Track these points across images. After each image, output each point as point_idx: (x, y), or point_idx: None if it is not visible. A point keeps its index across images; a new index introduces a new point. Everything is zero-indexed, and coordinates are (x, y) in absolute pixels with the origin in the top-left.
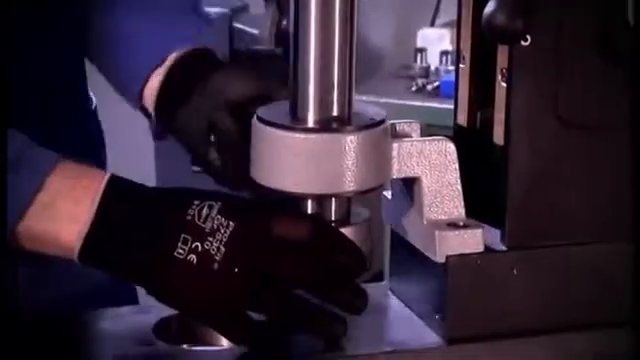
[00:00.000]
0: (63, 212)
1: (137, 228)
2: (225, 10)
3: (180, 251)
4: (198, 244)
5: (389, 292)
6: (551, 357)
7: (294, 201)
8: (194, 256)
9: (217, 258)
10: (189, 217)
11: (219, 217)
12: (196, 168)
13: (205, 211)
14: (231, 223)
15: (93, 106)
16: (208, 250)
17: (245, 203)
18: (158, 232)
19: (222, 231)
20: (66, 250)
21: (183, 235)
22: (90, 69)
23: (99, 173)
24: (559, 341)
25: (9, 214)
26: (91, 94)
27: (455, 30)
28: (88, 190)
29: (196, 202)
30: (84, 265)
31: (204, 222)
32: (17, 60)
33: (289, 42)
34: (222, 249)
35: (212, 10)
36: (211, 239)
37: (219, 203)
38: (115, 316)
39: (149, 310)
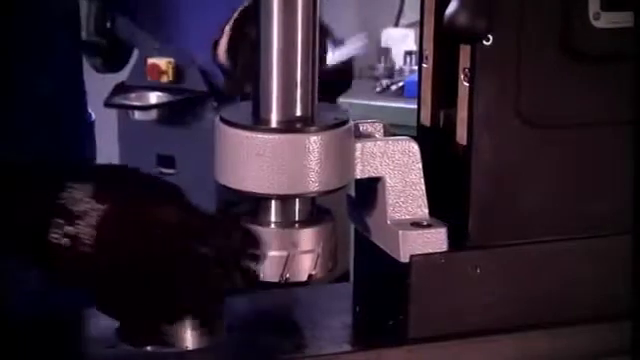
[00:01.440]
0: None
1: (11, 212)
2: None
3: (54, 235)
4: (70, 228)
5: (353, 292)
6: (514, 356)
7: (258, 202)
8: (67, 240)
9: (87, 242)
10: (62, 201)
11: (91, 200)
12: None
13: (77, 194)
14: (101, 207)
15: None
16: (78, 233)
17: (119, 186)
18: (33, 216)
19: (92, 214)
20: None
21: (56, 219)
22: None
23: None
24: (523, 339)
25: None
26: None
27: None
28: None
29: (69, 185)
30: None
31: (76, 205)
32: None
33: None
34: (93, 232)
35: None
36: (82, 223)
37: (92, 186)
38: (79, 318)
39: None
